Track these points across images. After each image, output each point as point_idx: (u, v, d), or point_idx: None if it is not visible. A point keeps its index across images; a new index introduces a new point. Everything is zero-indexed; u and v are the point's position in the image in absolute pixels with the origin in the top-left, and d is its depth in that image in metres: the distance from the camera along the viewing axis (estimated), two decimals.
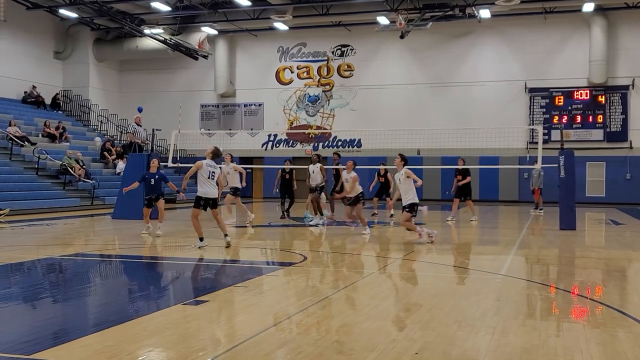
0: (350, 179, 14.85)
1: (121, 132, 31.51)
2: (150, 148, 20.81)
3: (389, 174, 19.57)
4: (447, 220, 18.39)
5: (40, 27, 31.03)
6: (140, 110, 22.84)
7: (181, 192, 13.46)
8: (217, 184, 12.00)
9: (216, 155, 12.00)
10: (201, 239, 11.85)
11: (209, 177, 11.67)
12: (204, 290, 8.35)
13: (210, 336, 5.89)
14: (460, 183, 18.77)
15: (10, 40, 29.41)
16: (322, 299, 7.51)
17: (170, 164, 21.17)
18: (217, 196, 11.99)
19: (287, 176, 19.28)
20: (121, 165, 25.39)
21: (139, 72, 34.86)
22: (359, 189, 14.79)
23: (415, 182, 12.96)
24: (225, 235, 12.04)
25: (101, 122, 32.26)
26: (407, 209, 13.07)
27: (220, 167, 12.41)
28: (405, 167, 13.12)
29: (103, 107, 32.66)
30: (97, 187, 24.17)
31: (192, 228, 12.05)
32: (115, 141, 30.57)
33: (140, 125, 21.88)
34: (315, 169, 17.53)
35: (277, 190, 19.32)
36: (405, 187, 13.03)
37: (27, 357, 5.03)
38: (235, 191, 17.42)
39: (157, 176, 14.95)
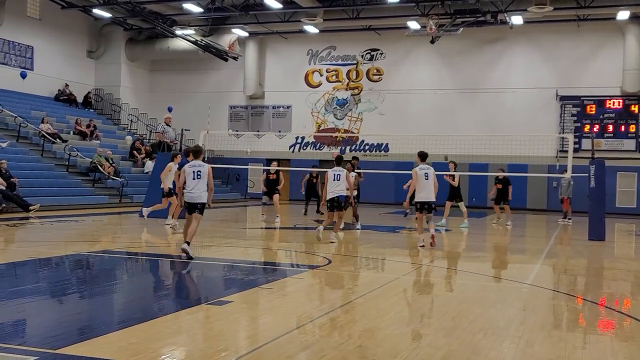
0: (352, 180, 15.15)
1: (150, 132, 31.82)
2: (179, 148, 20.98)
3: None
4: (493, 223, 19.50)
5: (74, 26, 31.48)
6: (170, 110, 23.06)
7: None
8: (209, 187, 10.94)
9: (197, 153, 11.29)
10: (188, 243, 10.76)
11: (193, 178, 10.82)
12: (228, 291, 8.38)
13: (234, 337, 5.91)
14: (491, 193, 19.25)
15: (44, 39, 29.88)
16: (346, 303, 7.50)
17: None
18: (202, 201, 10.88)
19: (315, 180, 20.71)
20: (150, 164, 25.64)
21: (170, 73, 35.18)
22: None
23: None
24: (187, 242, 10.70)
25: (131, 121, 32.62)
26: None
27: (203, 167, 11.01)
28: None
29: (133, 107, 33.03)
30: (125, 185, 24.42)
31: (218, 229, 12.11)
32: (145, 140, 30.89)
33: (170, 125, 22.08)
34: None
35: (304, 191, 20.07)
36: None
37: (54, 351, 5.09)
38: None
39: None
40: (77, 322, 6.37)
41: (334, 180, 13.62)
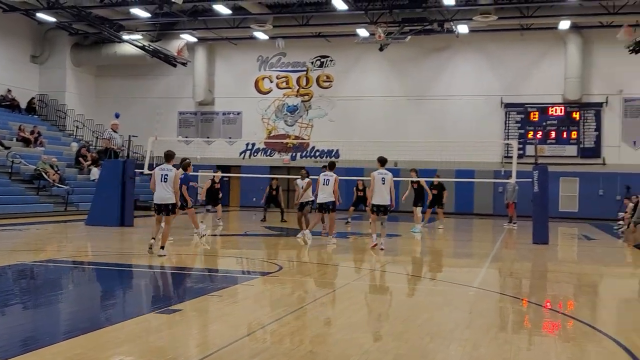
0: (305, 185, 16.22)
1: (97, 138, 31.23)
2: (126, 155, 20.66)
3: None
4: (439, 228, 19.73)
5: (17, 30, 30.69)
6: (117, 116, 22.64)
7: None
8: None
9: (167, 158, 12.06)
10: (153, 239, 11.82)
11: (161, 180, 11.68)
12: (177, 299, 8.30)
13: (183, 345, 5.86)
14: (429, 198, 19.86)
15: None
16: (297, 309, 7.51)
17: (146, 171, 21.00)
18: (170, 202, 11.72)
19: (274, 192, 21.44)
20: (96, 171, 25.16)
21: (117, 78, 34.62)
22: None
23: None
24: (162, 247, 11.61)
25: (77, 127, 31.95)
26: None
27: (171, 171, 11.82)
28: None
29: (79, 113, 32.35)
30: (71, 193, 23.91)
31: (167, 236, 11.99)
32: (91, 147, 30.30)
33: (117, 132, 21.71)
34: (304, 184, 17.15)
35: (264, 202, 20.89)
36: None
37: None
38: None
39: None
40: (21, 333, 6.20)
41: (324, 184, 14.61)
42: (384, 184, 13.59)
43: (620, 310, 8.47)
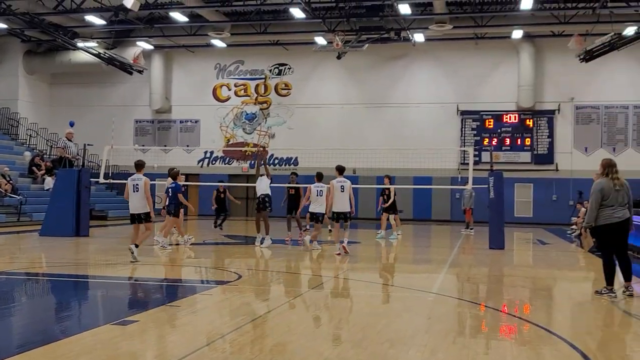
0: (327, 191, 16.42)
1: (51, 147, 30.63)
2: (81, 163, 20.31)
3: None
4: (398, 234, 19.57)
5: None
6: (71, 124, 22.28)
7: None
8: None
9: (137, 167, 12.62)
10: (136, 246, 12.14)
11: (133, 191, 12.19)
12: (134, 310, 8.17)
13: (140, 357, 5.77)
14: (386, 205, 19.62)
15: None
16: (256, 318, 7.48)
17: (102, 180, 20.70)
18: (142, 211, 12.17)
19: (222, 195, 21.34)
20: (50, 180, 24.66)
21: (72, 86, 34.04)
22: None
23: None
24: (135, 245, 12.02)
25: (30, 136, 31.29)
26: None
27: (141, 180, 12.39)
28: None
29: (32, 121, 31.69)
30: (24, 203, 23.38)
31: (124, 246, 11.86)
32: (45, 156, 29.70)
33: (71, 140, 21.34)
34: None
35: (214, 207, 20.59)
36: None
37: None
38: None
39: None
40: None
41: (317, 195, 14.88)
42: (343, 191, 14.14)
43: (574, 313, 8.66)
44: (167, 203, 15.85)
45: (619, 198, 8.96)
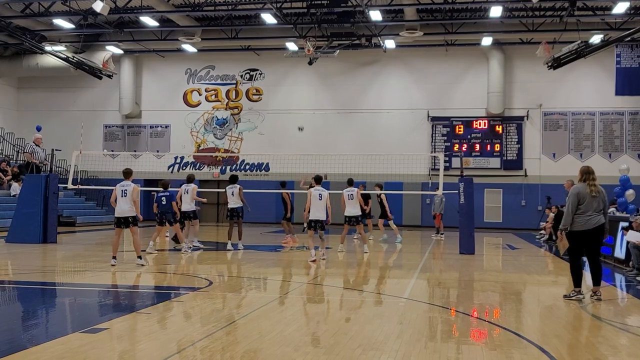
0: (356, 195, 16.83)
1: (18, 152, 30.12)
2: (49, 169, 20.01)
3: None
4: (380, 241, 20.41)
5: None
6: (39, 129, 22.01)
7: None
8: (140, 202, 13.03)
9: (126, 175, 13.06)
10: (114, 257, 12.61)
11: (121, 195, 12.69)
12: (103, 318, 8.06)
13: None
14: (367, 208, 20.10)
15: None
16: (227, 325, 7.42)
17: (70, 185, 20.43)
18: (130, 215, 12.64)
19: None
20: (16, 186, 24.23)
21: (39, 90, 33.57)
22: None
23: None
24: (139, 257, 12.75)
25: None
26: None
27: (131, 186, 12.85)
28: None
29: None
30: None
31: (93, 252, 11.70)
32: (11, 161, 29.18)
33: (39, 145, 21.03)
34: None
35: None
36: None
37: None
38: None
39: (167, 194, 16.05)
40: None
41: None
42: (320, 199, 14.33)
43: (543, 317, 8.76)
44: (158, 211, 15.98)
45: (594, 204, 9.19)
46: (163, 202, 15.89)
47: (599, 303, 9.21)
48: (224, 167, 31.92)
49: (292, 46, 28.78)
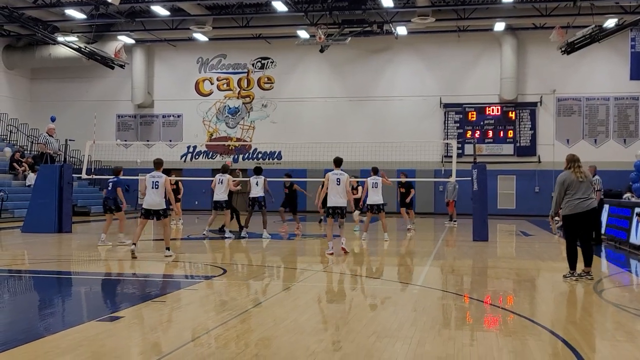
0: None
1: (32, 143, 30.32)
2: (62, 159, 20.13)
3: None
4: (409, 229, 19.94)
5: None
6: (52, 120, 22.11)
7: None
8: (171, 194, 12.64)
9: (157, 165, 12.78)
10: (134, 244, 12.48)
11: (152, 187, 12.41)
12: (119, 306, 8.13)
13: (126, 353, 5.74)
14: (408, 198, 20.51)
15: None
16: (242, 313, 7.46)
17: (84, 175, 20.55)
18: (160, 207, 12.45)
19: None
20: (32, 176, 24.42)
21: (52, 81, 33.73)
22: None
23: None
24: (167, 248, 12.62)
25: (10, 131, 30.93)
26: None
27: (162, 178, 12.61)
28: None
29: (13, 117, 31.31)
30: (5, 200, 23.12)
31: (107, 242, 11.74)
32: (26, 152, 29.39)
33: (53, 136, 21.14)
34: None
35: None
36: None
37: None
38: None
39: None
40: None
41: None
42: (338, 184, 13.10)
43: (558, 303, 8.73)
44: (106, 197, 15.45)
45: (582, 188, 9.74)
46: (109, 188, 15.31)
47: (614, 289, 9.17)
48: (236, 156, 31.96)
49: (303, 34, 28.70)
